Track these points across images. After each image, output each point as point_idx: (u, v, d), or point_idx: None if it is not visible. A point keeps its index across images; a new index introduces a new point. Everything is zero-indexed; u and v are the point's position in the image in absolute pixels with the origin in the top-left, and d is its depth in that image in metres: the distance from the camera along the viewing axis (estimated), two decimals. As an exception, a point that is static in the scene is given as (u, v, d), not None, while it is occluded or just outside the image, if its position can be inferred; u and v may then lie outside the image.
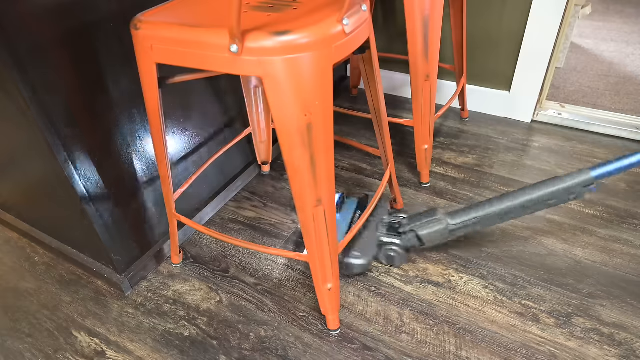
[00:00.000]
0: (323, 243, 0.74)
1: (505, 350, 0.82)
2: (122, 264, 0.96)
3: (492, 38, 1.40)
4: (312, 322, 0.89)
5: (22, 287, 1.02)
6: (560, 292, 0.91)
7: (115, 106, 0.84)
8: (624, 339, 0.82)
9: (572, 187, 0.79)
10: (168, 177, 0.86)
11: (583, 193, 0.79)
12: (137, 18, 0.66)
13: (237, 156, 1.23)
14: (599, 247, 1.01)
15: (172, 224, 0.95)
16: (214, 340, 0.87)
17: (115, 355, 0.86)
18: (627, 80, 1.73)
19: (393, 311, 0.90)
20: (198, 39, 0.59)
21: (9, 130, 0.81)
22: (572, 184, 0.79)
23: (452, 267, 0.98)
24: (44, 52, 0.70)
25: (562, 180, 0.80)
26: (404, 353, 0.82)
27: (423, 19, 0.97)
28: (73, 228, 0.95)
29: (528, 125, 1.46)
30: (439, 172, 1.27)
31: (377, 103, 0.89)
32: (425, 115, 1.11)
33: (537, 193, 0.82)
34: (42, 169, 0.84)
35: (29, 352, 0.88)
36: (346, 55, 0.64)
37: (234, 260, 1.04)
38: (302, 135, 0.62)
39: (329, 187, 0.69)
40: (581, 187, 0.79)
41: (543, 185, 0.82)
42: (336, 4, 0.64)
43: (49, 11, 0.69)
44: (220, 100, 1.10)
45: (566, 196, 0.80)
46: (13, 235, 1.17)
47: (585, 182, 0.78)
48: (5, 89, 0.71)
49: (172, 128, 0.98)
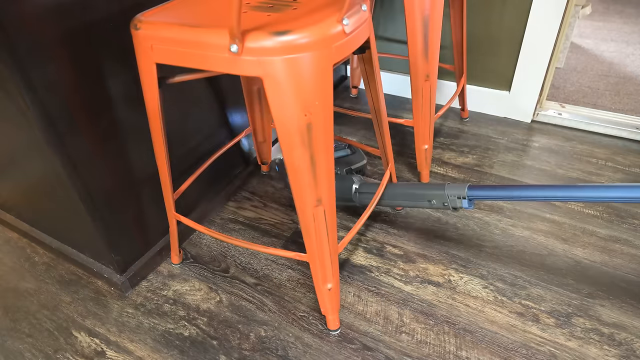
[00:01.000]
0: (323, 243, 0.74)
1: (505, 350, 0.82)
2: (122, 264, 0.96)
3: (492, 38, 1.40)
4: (312, 322, 0.89)
5: (22, 287, 1.02)
6: (560, 292, 0.91)
7: (115, 106, 0.84)
8: (624, 339, 0.82)
9: (450, 195, 0.88)
10: (168, 177, 0.86)
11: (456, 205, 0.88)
12: (137, 18, 0.66)
13: (237, 156, 1.23)
14: (599, 247, 1.01)
15: (172, 224, 0.95)
16: (214, 340, 0.87)
17: (115, 355, 0.86)
18: (627, 80, 1.73)
19: (393, 311, 0.90)
20: (198, 39, 0.59)
21: (9, 130, 0.81)
22: (450, 193, 0.88)
23: (452, 267, 0.98)
24: (44, 52, 0.70)
25: (443, 187, 0.89)
26: (404, 353, 0.82)
27: (423, 19, 0.97)
28: (73, 228, 0.95)
29: (528, 125, 1.46)
30: (439, 172, 1.27)
31: (377, 103, 0.89)
32: (425, 115, 1.11)
33: (424, 191, 0.92)
34: (42, 169, 0.84)
35: (29, 352, 0.88)
36: (346, 55, 0.64)
37: (234, 260, 1.04)
38: (302, 135, 0.62)
39: (329, 187, 0.69)
40: (455, 198, 0.88)
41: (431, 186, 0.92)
42: (336, 4, 0.64)
43: (49, 11, 0.69)
44: (220, 100, 1.10)
45: (442, 201, 0.90)
46: (13, 235, 1.17)
47: (460, 195, 0.87)
48: (5, 89, 0.71)
49: (172, 128, 0.98)
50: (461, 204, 0.88)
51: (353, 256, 1.03)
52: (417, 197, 0.93)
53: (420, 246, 1.04)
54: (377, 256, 1.02)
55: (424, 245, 1.04)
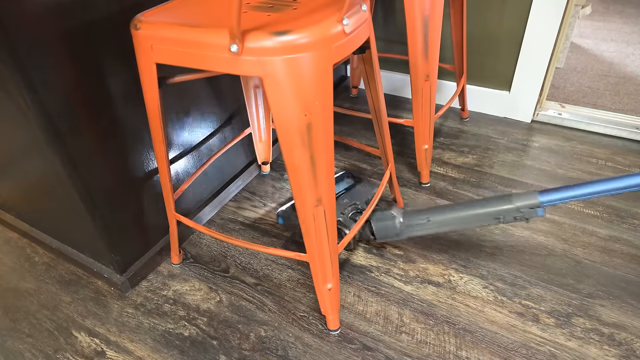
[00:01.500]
0: (323, 243, 0.74)
1: (505, 350, 0.82)
2: (122, 264, 0.96)
3: (492, 38, 1.40)
4: (312, 322, 0.89)
5: (22, 287, 1.02)
6: (560, 292, 0.91)
7: (115, 106, 0.84)
8: (624, 339, 0.82)
9: (521, 208, 0.81)
10: (168, 176, 0.86)
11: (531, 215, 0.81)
12: (137, 18, 0.66)
13: (237, 156, 1.23)
14: (599, 247, 1.01)
15: (172, 224, 0.95)
16: (214, 340, 0.87)
17: (115, 355, 0.86)
18: (627, 80, 1.73)
19: (393, 311, 0.90)
20: (198, 39, 0.59)
21: (9, 130, 0.81)
22: (521, 205, 0.81)
23: (452, 267, 0.98)
24: (45, 51, 0.70)
25: (510, 199, 0.82)
26: (404, 353, 0.82)
27: (423, 19, 0.97)
28: (73, 228, 0.95)
29: (528, 125, 1.46)
30: (439, 172, 1.27)
31: (377, 103, 0.89)
32: (425, 115, 1.11)
33: (488, 208, 0.84)
34: (42, 169, 0.84)
35: (29, 352, 0.88)
36: (346, 55, 0.64)
37: (234, 260, 1.04)
38: (302, 135, 0.62)
39: (329, 187, 0.69)
40: (528, 209, 0.81)
41: (494, 201, 0.84)
42: (336, 4, 0.64)
43: (49, 10, 0.69)
44: (220, 100, 1.10)
45: (513, 215, 0.82)
46: (13, 235, 1.17)
47: (533, 205, 0.80)
48: (5, 88, 0.71)
49: (172, 128, 0.98)
50: (536, 213, 0.80)
51: (353, 256, 1.03)
52: (482, 217, 0.84)
53: (420, 246, 1.04)
54: (377, 256, 1.02)
55: (424, 245, 1.04)
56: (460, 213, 0.86)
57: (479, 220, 0.85)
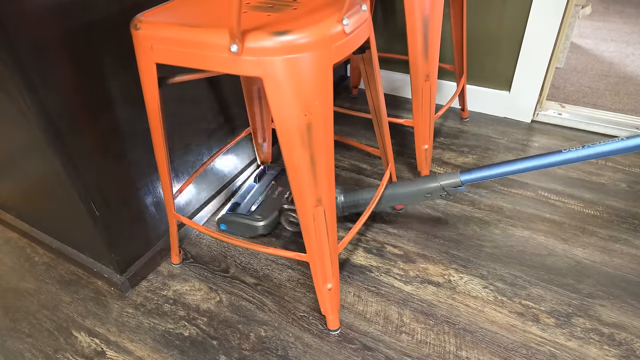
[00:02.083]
0: (323, 243, 0.74)
1: (505, 350, 0.82)
2: (122, 264, 0.96)
3: (492, 38, 1.40)
4: (312, 322, 0.89)
5: (22, 287, 1.02)
6: (560, 292, 0.91)
7: (115, 106, 0.84)
8: (624, 339, 0.83)
9: (445, 186, 0.92)
10: (168, 177, 0.86)
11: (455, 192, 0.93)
12: (137, 18, 0.66)
13: (237, 156, 1.23)
14: (599, 247, 1.01)
15: (172, 224, 0.95)
16: (214, 340, 0.87)
17: (115, 355, 0.86)
18: (627, 80, 1.73)
19: (393, 311, 0.90)
20: (198, 39, 0.59)
21: (9, 130, 0.81)
22: (445, 184, 0.92)
23: (452, 267, 0.98)
24: (44, 51, 0.70)
25: (436, 179, 0.93)
26: (404, 353, 0.82)
27: (423, 19, 0.97)
28: (73, 228, 0.95)
29: (528, 125, 1.46)
30: (439, 172, 1.27)
31: (377, 103, 0.89)
32: (425, 115, 1.11)
33: (418, 187, 0.95)
34: (42, 169, 0.84)
35: (29, 352, 0.88)
36: (346, 55, 0.64)
37: (234, 260, 1.04)
38: (302, 135, 0.62)
39: (329, 187, 0.69)
40: (452, 187, 0.92)
41: (422, 181, 0.94)
42: (336, 4, 0.64)
43: (49, 10, 0.69)
44: (220, 100, 1.10)
45: (439, 193, 0.93)
46: (13, 235, 1.17)
47: (455, 184, 0.91)
48: (5, 89, 0.71)
49: (172, 128, 0.98)
50: (457, 190, 0.92)
51: (353, 256, 1.03)
52: (413, 195, 0.96)
53: (420, 246, 1.04)
54: (377, 256, 1.02)
55: (424, 245, 1.04)
56: (395, 191, 0.98)
57: (409, 198, 0.97)
